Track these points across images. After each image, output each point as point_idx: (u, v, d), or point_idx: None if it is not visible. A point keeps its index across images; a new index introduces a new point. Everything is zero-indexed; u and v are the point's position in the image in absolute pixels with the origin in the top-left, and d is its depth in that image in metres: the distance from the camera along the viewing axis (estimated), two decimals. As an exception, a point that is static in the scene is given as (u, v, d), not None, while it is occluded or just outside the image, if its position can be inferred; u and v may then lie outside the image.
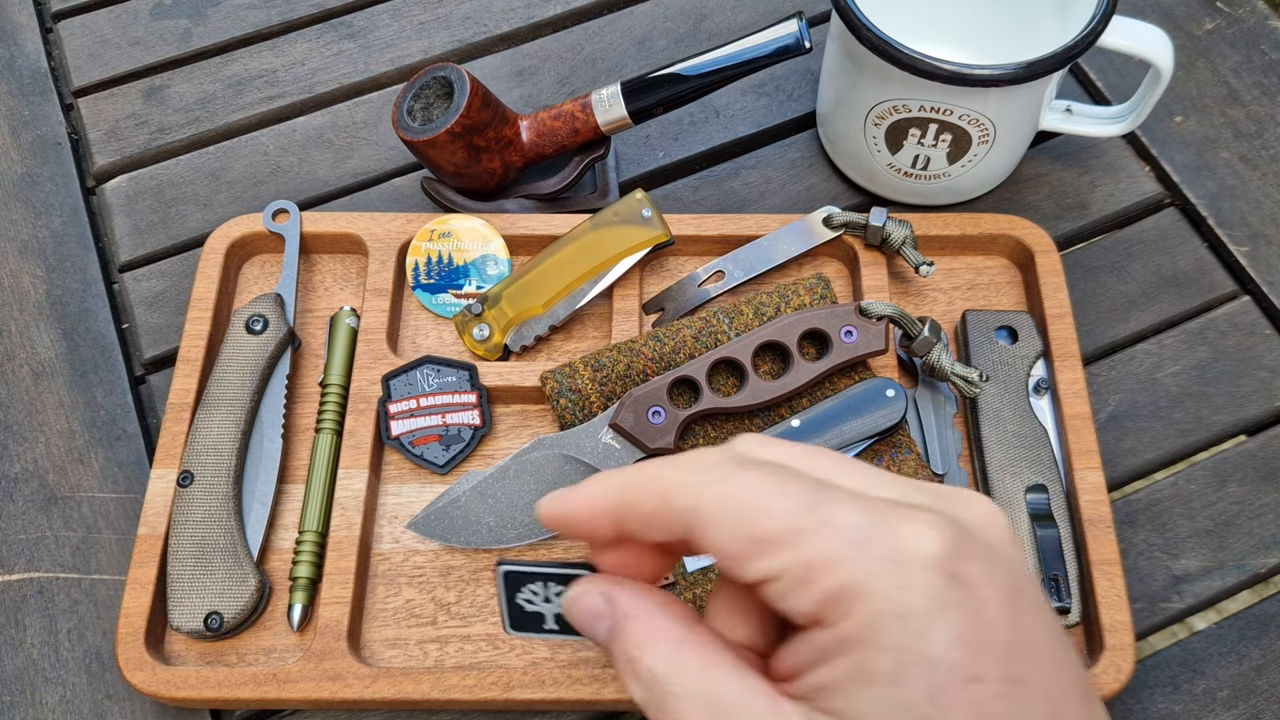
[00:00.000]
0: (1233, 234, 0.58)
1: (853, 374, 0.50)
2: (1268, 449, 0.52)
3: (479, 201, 0.57)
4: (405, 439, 0.50)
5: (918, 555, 0.25)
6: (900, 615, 0.24)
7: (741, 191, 0.60)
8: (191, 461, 0.49)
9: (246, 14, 0.67)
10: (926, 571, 0.25)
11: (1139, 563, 0.49)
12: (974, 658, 0.24)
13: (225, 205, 0.60)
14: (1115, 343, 0.55)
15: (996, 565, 0.26)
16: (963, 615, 0.24)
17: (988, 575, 0.25)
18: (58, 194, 0.61)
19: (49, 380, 0.55)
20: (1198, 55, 0.64)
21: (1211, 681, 0.47)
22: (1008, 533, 0.28)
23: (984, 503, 0.28)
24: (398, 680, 0.45)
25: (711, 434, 0.49)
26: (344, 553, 0.48)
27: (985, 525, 0.27)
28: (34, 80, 0.65)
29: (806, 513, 0.26)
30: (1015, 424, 0.50)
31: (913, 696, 0.24)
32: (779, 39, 0.52)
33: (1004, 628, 0.25)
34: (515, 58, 0.65)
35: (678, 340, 0.50)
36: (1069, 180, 0.60)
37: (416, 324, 0.55)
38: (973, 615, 0.24)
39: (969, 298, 0.55)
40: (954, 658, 0.24)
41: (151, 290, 0.58)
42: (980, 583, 0.25)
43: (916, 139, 0.53)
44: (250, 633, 0.47)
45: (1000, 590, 0.25)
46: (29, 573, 0.50)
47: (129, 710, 0.47)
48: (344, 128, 0.63)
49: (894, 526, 0.25)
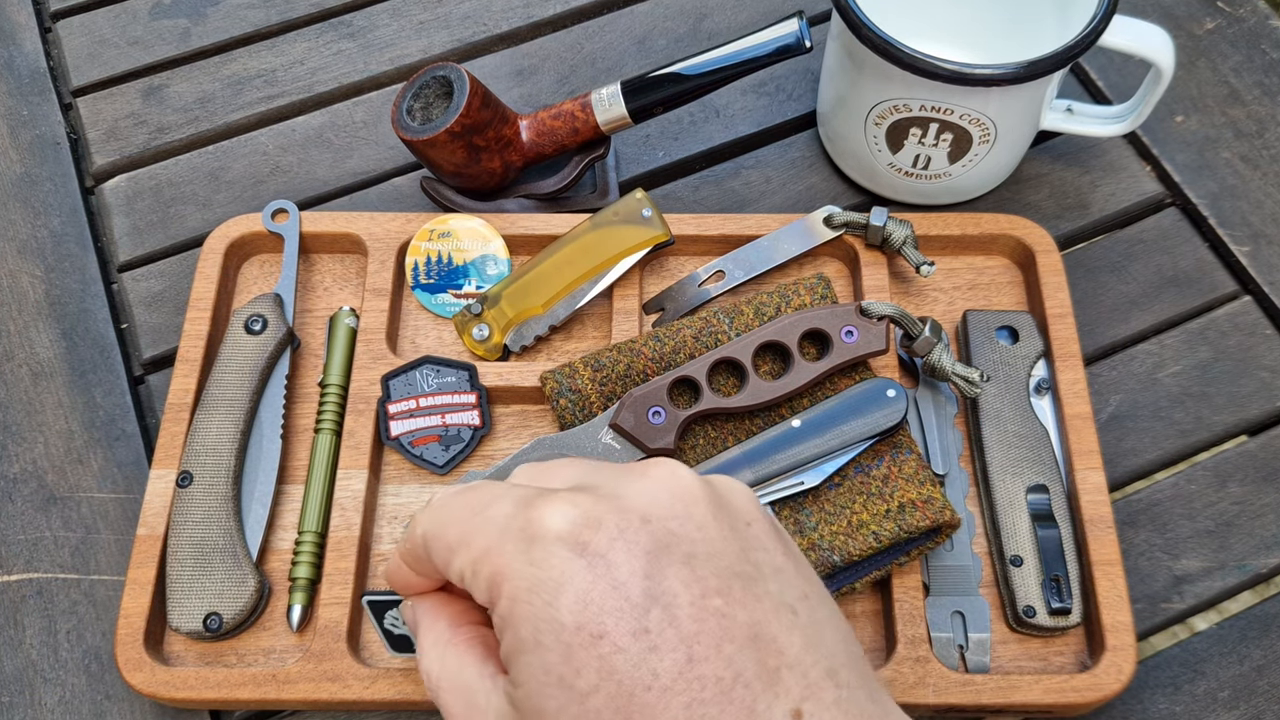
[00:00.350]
0: (1234, 234, 0.58)
1: (853, 374, 0.49)
2: (1268, 449, 0.52)
3: (479, 201, 0.57)
4: (405, 439, 0.50)
5: (545, 532, 0.28)
6: (532, 588, 0.28)
7: (742, 191, 0.60)
8: (191, 462, 0.49)
9: (246, 13, 0.67)
10: (552, 545, 0.28)
11: (1140, 563, 0.49)
12: (597, 616, 0.27)
13: (224, 205, 0.60)
14: (1116, 343, 0.55)
15: (633, 530, 0.28)
16: (588, 579, 0.27)
17: (619, 540, 0.28)
18: (57, 194, 0.61)
19: (48, 380, 0.55)
20: (1198, 55, 0.64)
21: (1212, 682, 0.47)
22: (686, 492, 0.30)
23: (661, 473, 0.30)
24: (397, 681, 0.45)
25: (711, 434, 0.49)
26: (343, 553, 0.47)
27: (651, 493, 0.30)
28: (33, 80, 0.65)
29: (473, 515, 0.30)
30: (1016, 424, 0.49)
31: (551, 659, 0.27)
32: (779, 38, 0.52)
33: (635, 586, 0.27)
34: (515, 57, 0.65)
35: (678, 340, 0.50)
36: (1070, 180, 0.60)
37: (416, 324, 0.55)
38: (600, 578, 0.27)
39: (970, 298, 0.55)
40: (579, 619, 0.27)
41: (150, 290, 0.58)
42: (609, 549, 0.28)
43: (917, 138, 0.53)
44: (249, 633, 0.47)
45: (634, 552, 0.28)
46: (28, 573, 0.50)
47: (128, 711, 0.47)
48: (343, 127, 0.63)
49: (530, 511, 0.29)
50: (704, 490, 0.30)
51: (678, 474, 0.31)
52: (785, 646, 0.28)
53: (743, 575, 0.29)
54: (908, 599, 0.46)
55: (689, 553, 0.29)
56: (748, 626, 0.28)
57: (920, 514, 0.45)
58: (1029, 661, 0.46)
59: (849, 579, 0.46)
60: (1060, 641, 0.47)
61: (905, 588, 0.46)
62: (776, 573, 0.30)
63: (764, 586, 0.29)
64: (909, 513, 0.45)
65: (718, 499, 0.31)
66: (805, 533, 0.46)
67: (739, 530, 0.30)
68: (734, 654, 0.27)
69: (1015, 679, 0.44)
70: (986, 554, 0.48)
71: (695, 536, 0.29)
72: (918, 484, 0.46)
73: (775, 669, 0.27)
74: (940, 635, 0.46)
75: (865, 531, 0.45)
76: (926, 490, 0.46)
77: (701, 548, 0.29)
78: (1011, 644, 0.47)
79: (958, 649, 0.46)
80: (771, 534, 0.31)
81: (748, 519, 0.31)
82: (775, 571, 0.30)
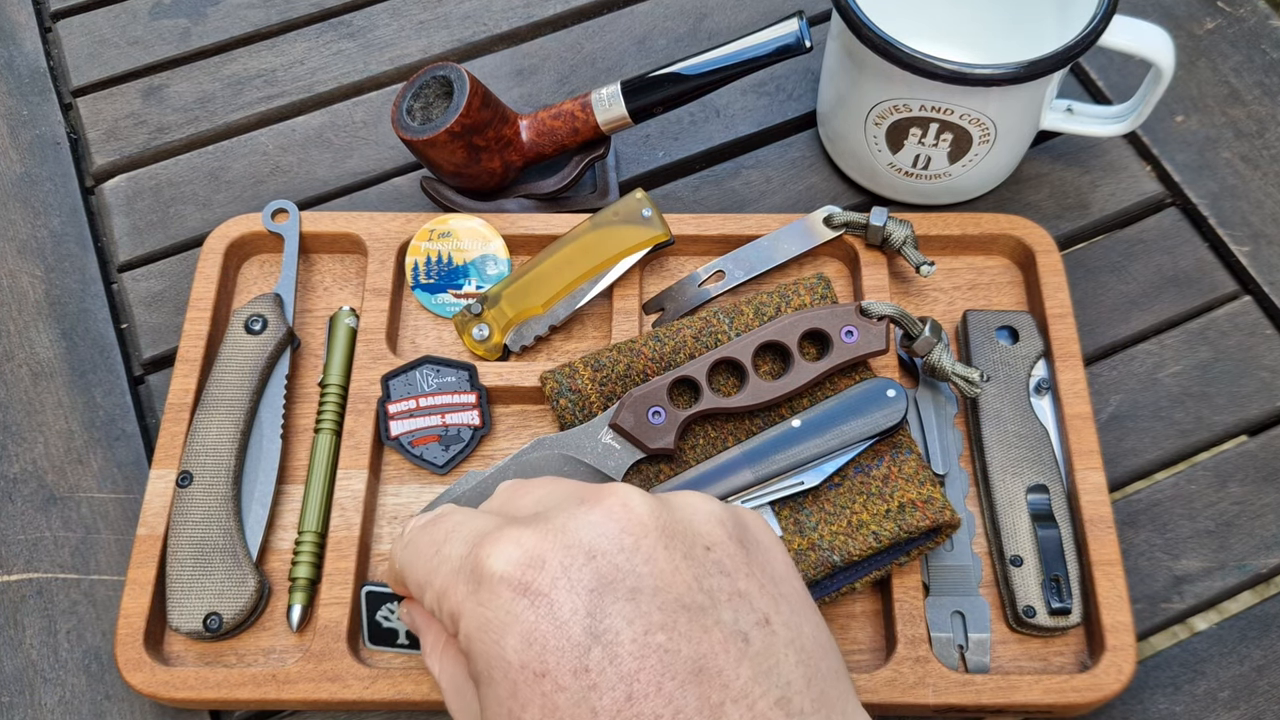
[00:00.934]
0: (1234, 234, 0.58)
1: (853, 374, 0.49)
2: (1269, 449, 0.52)
3: (479, 201, 0.57)
4: (405, 439, 0.50)
5: (490, 574, 0.29)
6: (481, 627, 0.29)
7: (742, 191, 0.60)
8: (190, 462, 0.49)
9: (246, 13, 0.67)
10: (497, 586, 0.29)
11: (1140, 563, 0.49)
12: (540, 655, 0.28)
13: (224, 205, 0.60)
14: (1116, 343, 0.55)
15: (577, 567, 0.29)
16: (531, 619, 0.28)
17: (562, 578, 0.29)
18: (56, 194, 0.61)
19: (48, 380, 0.55)
20: (1199, 55, 0.64)
21: (1212, 682, 0.47)
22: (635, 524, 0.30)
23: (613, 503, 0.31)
24: (397, 681, 0.45)
25: (711, 434, 0.49)
26: (343, 553, 0.47)
27: (599, 525, 0.30)
28: (33, 80, 0.65)
29: (433, 554, 0.32)
30: (1016, 424, 0.49)
31: (501, 693, 0.29)
32: (779, 38, 0.52)
33: (577, 624, 0.28)
34: (515, 57, 0.65)
35: (678, 340, 0.50)
36: (1070, 180, 0.60)
37: (416, 324, 0.55)
38: (543, 618, 0.28)
39: (970, 297, 0.55)
40: (523, 658, 0.28)
41: (150, 290, 0.58)
42: (551, 588, 0.28)
43: (917, 138, 0.53)
44: (249, 633, 0.47)
45: (576, 590, 0.28)
46: (28, 573, 0.50)
47: (128, 711, 0.47)
48: (343, 127, 0.63)
49: (478, 551, 0.30)
50: (656, 519, 0.30)
51: (629, 504, 0.31)
52: (731, 679, 0.28)
53: (691, 607, 0.29)
54: (908, 599, 0.46)
55: (634, 587, 0.29)
56: (691, 661, 0.28)
57: (920, 514, 0.45)
58: (1029, 661, 0.46)
59: (849, 579, 0.46)
60: (1060, 641, 0.47)
61: (905, 588, 0.46)
62: (733, 599, 0.30)
63: (715, 616, 0.29)
64: (909, 513, 0.45)
65: (672, 526, 0.30)
66: (805, 533, 0.46)
67: (694, 557, 0.30)
68: (675, 691, 0.27)
69: (1015, 679, 0.44)
70: (986, 554, 0.48)
71: (642, 570, 0.29)
72: (918, 484, 0.46)
73: (719, 704, 0.27)
74: (940, 635, 0.46)
75: (865, 531, 0.45)
76: (926, 490, 0.46)
77: (648, 581, 0.29)
78: (1011, 644, 0.47)
79: (958, 649, 0.46)
80: (736, 554, 0.31)
81: (708, 542, 0.31)
82: (732, 597, 0.30)
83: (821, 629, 0.32)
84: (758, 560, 0.31)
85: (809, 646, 0.30)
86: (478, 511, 0.34)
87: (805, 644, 0.30)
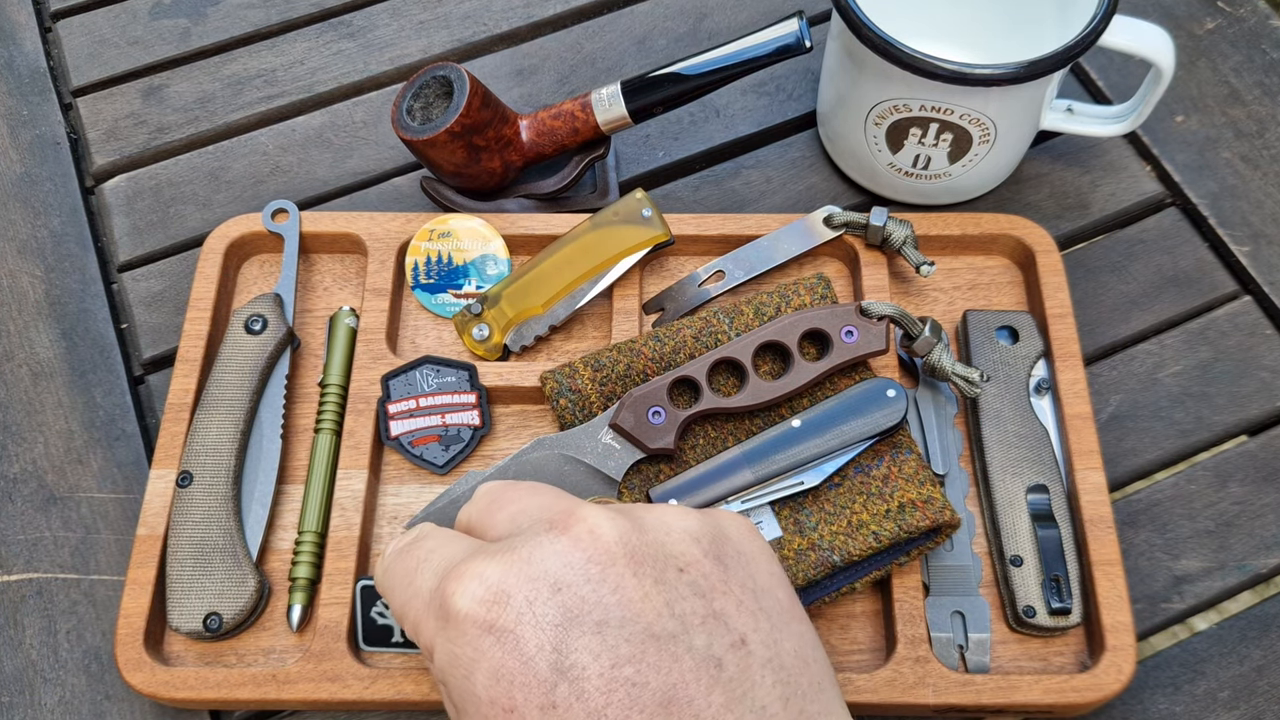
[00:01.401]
0: (1234, 234, 0.58)
1: (853, 374, 0.49)
2: (1269, 449, 0.52)
3: (479, 201, 0.57)
4: (405, 439, 0.50)
5: (456, 612, 0.29)
6: (451, 663, 0.29)
7: (742, 191, 0.60)
8: (190, 462, 0.49)
9: (246, 13, 0.67)
10: (464, 624, 0.29)
11: (1140, 563, 0.49)
12: (508, 691, 0.28)
13: (224, 205, 0.60)
14: (1116, 343, 0.55)
15: (542, 601, 0.29)
16: (498, 655, 0.28)
17: (527, 613, 0.29)
18: (56, 194, 0.61)
19: (48, 380, 0.55)
20: (1199, 55, 0.64)
21: (1212, 682, 0.47)
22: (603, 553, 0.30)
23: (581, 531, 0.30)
24: (397, 681, 0.45)
25: (711, 434, 0.49)
26: (343, 553, 0.47)
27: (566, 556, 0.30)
28: (33, 80, 0.65)
29: (406, 585, 0.32)
30: (1016, 424, 0.49)
31: None
32: (779, 38, 0.52)
33: (543, 660, 0.28)
34: (515, 57, 0.65)
35: (678, 340, 0.50)
36: (1070, 180, 0.60)
37: (416, 324, 0.55)
38: (509, 654, 0.28)
39: (970, 297, 0.55)
40: (491, 694, 0.28)
41: (150, 290, 0.58)
42: (516, 624, 0.29)
43: (917, 138, 0.53)
44: (249, 633, 0.47)
45: (542, 625, 0.29)
46: (28, 573, 0.50)
47: (128, 711, 0.47)
48: (343, 127, 0.63)
49: (445, 586, 0.30)
50: (624, 545, 0.30)
51: (596, 530, 0.30)
52: (702, 709, 0.28)
53: (661, 635, 0.29)
54: (908, 599, 0.46)
55: (601, 620, 0.29)
56: (660, 693, 0.28)
57: (920, 514, 0.45)
58: (1029, 661, 0.46)
59: (849, 579, 0.46)
60: (1060, 641, 0.47)
61: (905, 588, 0.46)
62: (706, 621, 0.29)
63: (686, 643, 0.29)
64: (909, 513, 0.45)
65: (642, 550, 0.30)
66: (805, 533, 0.46)
67: (666, 581, 0.30)
68: None
69: (1015, 679, 0.44)
70: (986, 554, 0.48)
71: (609, 601, 0.29)
72: (918, 484, 0.46)
73: None
74: (940, 635, 0.46)
75: (865, 531, 0.45)
76: (926, 490, 0.46)
77: (615, 612, 0.29)
78: (1011, 644, 0.47)
79: (958, 649, 0.46)
80: (712, 572, 0.31)
81: (681, 563, 0.30)
82: (705, 620, 0.29)
83: (805, 639, 0.31)
84: (737, 575, 0.31)
85: (789, 663, 0.30)
86: (450, 535, 0.34)
87: (784, 661, 0.30)
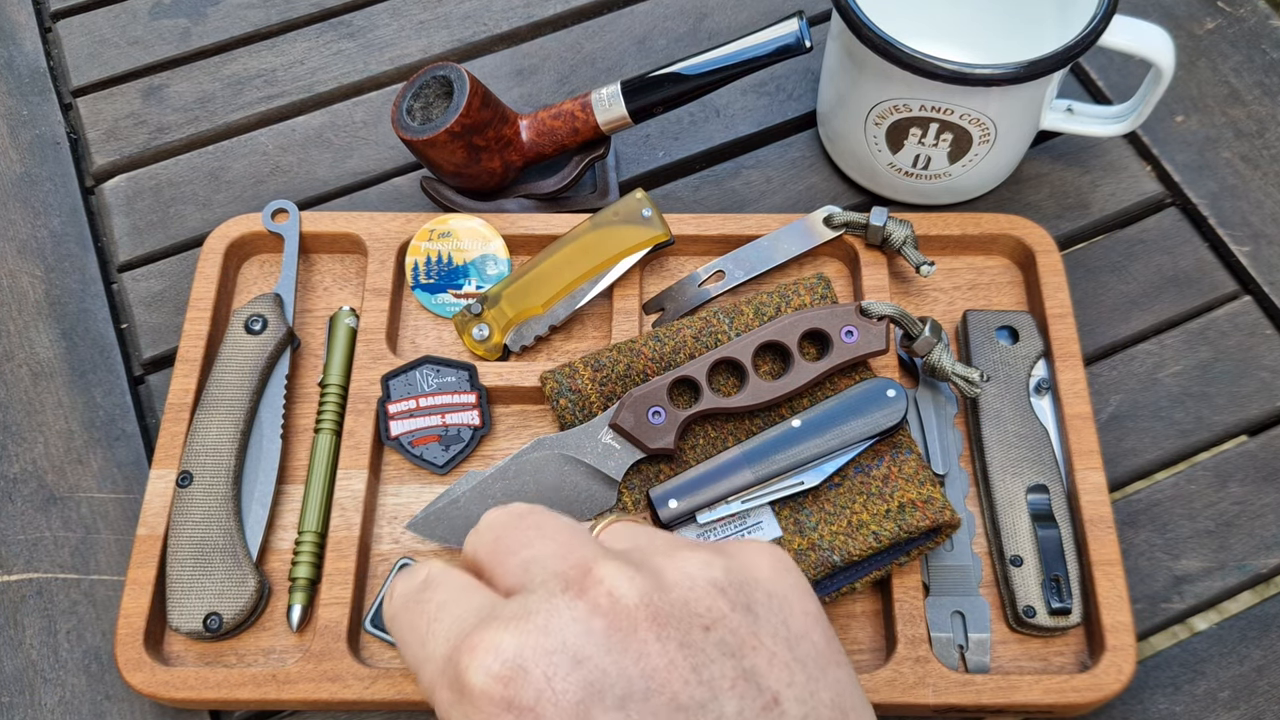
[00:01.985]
0: (1234, 234, 0.58)
1: (853, 374, 0.49)
2: (1269, 449, 0.52)
3: (479, 201, 0.57)
4: (405, 439, 0.50)
5: (471, 687, 0.28)
6: None
7: (742, 191, 0.60)
8: (190, 462, 0.49)
9: (246, 13, 0.67)
10: (480, 701, 0.28)
11: (1140, 563, 0.49)
12: None
13: (224, 205, 0.60)
14: (1116, 343, 0.55)
15: (562, 676, 0.28)
16: None
17: (547, 691, 0.27)
18: (56, 194, 0.61)
19: (48, 380, 0.55)
20: (1199, 55, 0.64)
21: (1212, 682, 0.47)
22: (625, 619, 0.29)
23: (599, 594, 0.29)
24: (397, 681, 0.45)
25: (711, 434, 0.49)
26: (343, 553, 0.47)
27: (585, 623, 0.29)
28: (33, 80, 0.65)
29: (419, 645, 0.31)
30: (1016, 424, 0.49)
31: None
32: (779, 38, 0.52)
33: None
34: (515, 57, 0.65)
35: (678, 340, 0.50)
36: (1070, 180, 0.60)
37: (416, 324, 0.55)
38: None
39: (970, 297, 0.55)
40: None
41: (150, 290, 0.58)
42: (536, 702, 0.27)
43: (917, 138, 0.53)
44: (249, 633, 0.47)
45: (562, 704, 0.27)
46: (28, 573, 0.50)
47: (128, 711, 0.47)
48: (343, 127, 0.63)
49: (459, 658, 0.29)
50: (647, 607, 0.29)
51: (615, 594, 0.29)
52: None
53: (689, 706, 0.28)
54: (908, 599, 0.46)
55: (624, 694, 0.28)
56: None
57: (920, 514, 0.45)
58: (1029, 661, 0.46)
59: (849, 579, 0.46)
60: (1060, 641, 0.47)
61: (905, 588, 0.46)
62: (737, 684, 0.28)
63: (716, 711, 0.28)
64: (909, 513, 0.45)
65: (666, 611, 0.29)
66: (805, 533, 0.46)
67: (692, 644, 0.29)
68: None
69: (1015, 679, 0.44)
70: (986, 554, 0.48)
71: (632, 672, 0.28)
72: (918, 484, 0.46)
73: None
74: (940, 635, 0.46)
75: (865, 531, 0.45)
76: (926, 490, 0.46)
77: (639, 685, 0.28)
78: (1011, 644, 0.47)
79: (958, 649, 0.46)
80: (741, 626, 0.29)
81: (708, 621, 0.29)
82: (735, 683, 0.28)
83: (844, 685, 0.30)
84: (768, 624, 0.30)
85: (825, 715, 0.29)
86: (459, 582, 0.32)
87: (821, 714, 0.29)
